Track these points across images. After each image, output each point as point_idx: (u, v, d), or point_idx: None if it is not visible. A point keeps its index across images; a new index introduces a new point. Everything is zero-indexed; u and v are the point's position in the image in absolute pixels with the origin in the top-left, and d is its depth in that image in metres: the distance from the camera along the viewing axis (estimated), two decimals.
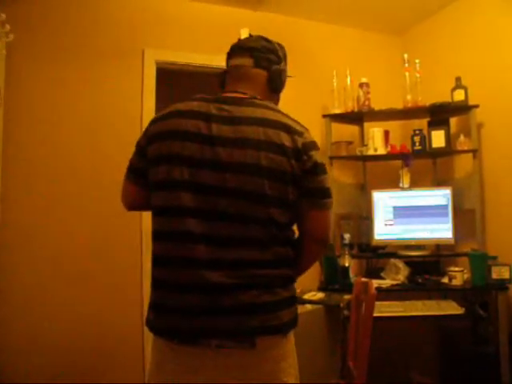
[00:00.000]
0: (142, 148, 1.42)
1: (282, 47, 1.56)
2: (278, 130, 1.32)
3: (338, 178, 3.45)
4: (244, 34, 2.40)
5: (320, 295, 2.62)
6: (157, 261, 1.36)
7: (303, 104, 3.55)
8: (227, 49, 2.64)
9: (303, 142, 1.34)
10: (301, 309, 2.40)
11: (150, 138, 1.38)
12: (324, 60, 3.60)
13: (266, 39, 1.51)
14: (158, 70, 3.15)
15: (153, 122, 1.41)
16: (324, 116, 3.37)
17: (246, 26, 2.48)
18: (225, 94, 1.43)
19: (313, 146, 1.38)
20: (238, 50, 1.49)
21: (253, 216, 1.29)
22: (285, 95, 3.64)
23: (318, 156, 1.38)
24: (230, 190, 1.28)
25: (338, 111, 3.36)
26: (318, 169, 1.37)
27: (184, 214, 1.29)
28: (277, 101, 1.54)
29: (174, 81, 3.60)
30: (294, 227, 1.42)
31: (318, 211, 1.39)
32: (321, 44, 3.66)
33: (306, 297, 2.58)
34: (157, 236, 1.36)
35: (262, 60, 1.45)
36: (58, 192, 2.81)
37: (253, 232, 1.29)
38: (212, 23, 3.27)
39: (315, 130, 3.48)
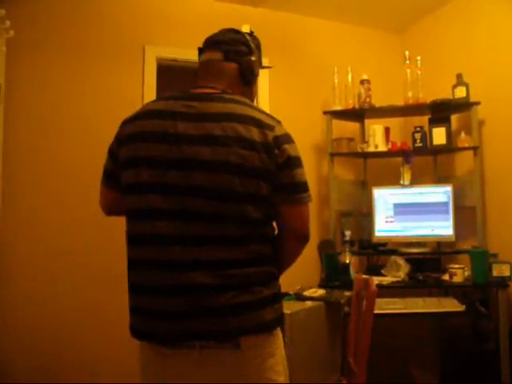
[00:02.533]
0: (113, 151, 1.41)
1: (254, 38, 1.52)
2: (247, 124, 1.28)
3: (338, 174, 3.45)
4: (245, 31, 2.40)
5: (321, 292, 2.62)
6: (132, 265, 1.34)
7: (304, 101, 3.55)
8: None
9: (274, 135, 1.29)
10: (301, 305, 2.41)
11: (121, 141, 1.37)
12: (325, 57, 3.59)
13: (235, 31, 1.48)
14: (158, 66, 3.15)
15: (123, 125, 1.39)
16: (325, 113, 3.37)
17: (246, 22, 2.47)
18: (194, 91, 1.41)
19: (286, 139, 1.32)
20: (208, 44, 1.47)
21: (225, 214, 1.25)
22: (286, 92, 3.65)
23: (292, 149, 1.33)
24: (199, 188, 1.25)
25: (338, 108, 3.36)
26: (292, 162, 1.31)
27: (154, 216, 1.27)
28: (250, 94, 1.49)
29: (174, 78, 3.59)
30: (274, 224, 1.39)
31: (294, 206, 1.35)
32: (322, 41, 3.65)
33: (306, 293, 2.59)
34: (130, 240, 1.34)
35: (231, 53, 1.42)
36: (60, 188, 2.81)
37: (226, 231, 1.25)
38: (213, 20, 3.24)
39: (316, 127, 3.50)
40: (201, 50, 1.49)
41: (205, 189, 1.25)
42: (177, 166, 1.26)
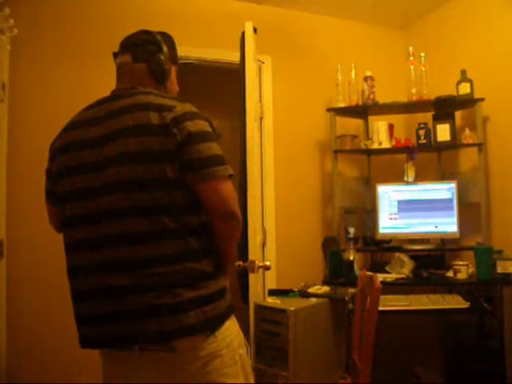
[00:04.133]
0: (48, 169, 1.47)
1: (166, 36, 1.54)
2: (146, 111, 1.28)
3: (342, 171, 3.45)
4: (248, 28, 2.40)
5: (325, 289, 2.61)
6: (68, 272, 1.36)
7: (307, 98, 3.55)
8: (231, 43, 2.63)
9: (173, 116, 1.27)
10: (306, 302, 2.41)
11: (51, 157, 1.44)
12: (328, 54, 3.59)
13: (145, 32, 1.50)
14: None
15: (53, 141, 1.46)
16: (328, 110, 3.37)
17: (249, 19, 2.48)
18: (106, 96, 1.44)
19: (187, 117, 1.29)
20: (120, 48, 1.50)
21: (138, 207, 1.24)
22: (289, 89, 3.64)
23: (194, 125, 1.29)
24: (111, 186, 1.26)
25: (342, 105, 3.35)
26: (193, 139, 1.27)
27: (77, 222, 1.31)
28: (166, 90, 1.50)
29: (177, 76, 3.60)
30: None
31: (207, 183, 1.28)
32: (325, 38, 3.64)
33: (310, 290, 2.59)
34: (65, 247, 1.38)
35: (140, 53, 1.44)
36: None
37: (139, 226, 1.23)
38: (216, 17, 3.27)
39: (320, 124, 3.50)
40: (115, 55, 1.52)
41: (115, 185, 1.26)
42: (93, 169, 1.30)
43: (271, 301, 2.43)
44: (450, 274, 2.85)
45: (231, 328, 1.35)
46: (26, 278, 2.67)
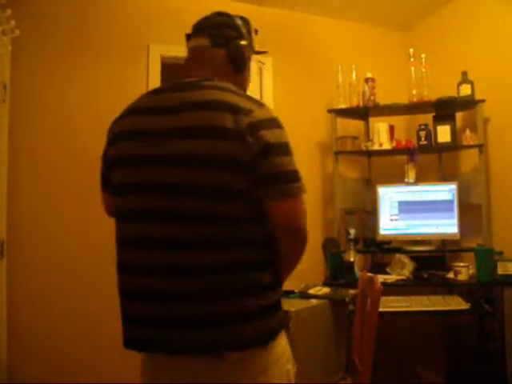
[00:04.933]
0: (104, 154, 1.36)
1: (245, 22, 1.44)
2: (220, 111, 1.15)
3: (343, 172, 3.45)
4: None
5: (325, 290, 2.62)
6: (117, 267, 1.28)
7: (308, 99, 3.55)
8: None
9: (249, 121, 1.14)
10: (306, 304, 2.41)
11: (109, 142, 1.32)
12: (329, 55, 3.59)
13: (224, 14, 1.40)
14: (163, 65, 3.15)
15: (112, 125, 1.33)
16: (329, 111, 3.37)
17: (250, 20, 2.48)
18: (178, 81, 1.29)
19: (265, 124, 1.16)
20: (195, 30, 1.38)
21: (197, 213, 1.14)
22: (290, 90, 3.64)
23: (273, 135, 1.17)
24: (171, 186, 1.16)
25: (343, 106, 3.36)
26: (270, 150, 1.15)
27: (131, 217, 1.22)
28: (242, 80, 1.38)
29: (178, 76, 3.60)
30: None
31: (279, 200, 1.19)
32: (326, 39, 3.65)
33: (311, 292, 2.59)
34: (116, 242, 1.29)
35: (218, 37, 1.33)
36: (65, 187, 2.82)
37: (199, 232, 1.14)
38: None
39: (320, 125, 3.50)
40: (189, 36, 1.40)
41: (174, 185, 1.16)
42: (151, 163, 1.19)
43: None
44: (451, 275, 2.85)
45: (281, 342, 1.28)
46: (27, 278, 2.67)
